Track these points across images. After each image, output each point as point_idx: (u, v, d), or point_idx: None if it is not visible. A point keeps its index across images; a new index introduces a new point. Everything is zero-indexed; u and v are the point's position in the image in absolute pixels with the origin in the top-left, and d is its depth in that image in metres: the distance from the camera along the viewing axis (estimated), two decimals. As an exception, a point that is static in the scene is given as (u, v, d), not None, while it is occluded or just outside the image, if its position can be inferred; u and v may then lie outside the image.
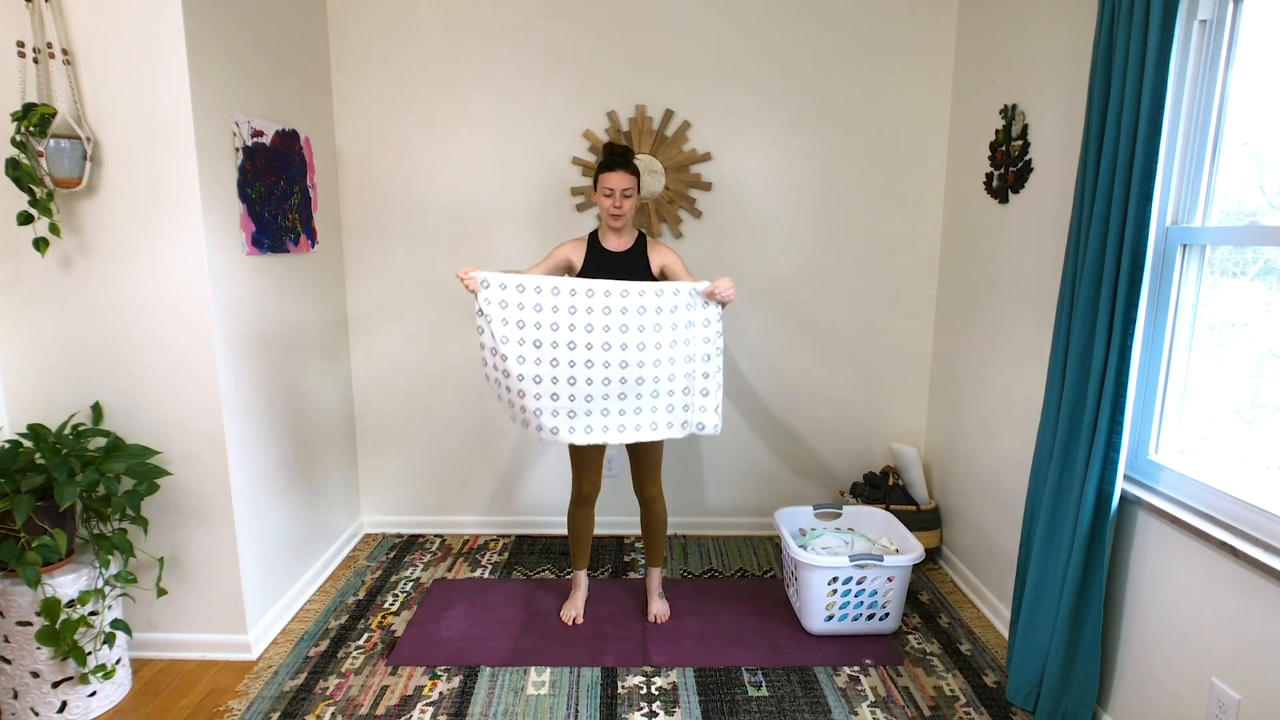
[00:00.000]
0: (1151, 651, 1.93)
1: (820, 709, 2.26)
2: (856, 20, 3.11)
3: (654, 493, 2.67)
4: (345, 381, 3.34)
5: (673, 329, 2.27)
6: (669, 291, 2.26)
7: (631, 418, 2.31)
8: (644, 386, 2.28)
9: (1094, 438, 1.96)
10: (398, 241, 3.28)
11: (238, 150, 2.44)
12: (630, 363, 2.25)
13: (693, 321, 2.28)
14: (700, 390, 2.32)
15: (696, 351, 2.30)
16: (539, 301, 2.23)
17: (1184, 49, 1.84)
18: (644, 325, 2.25)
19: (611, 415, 2.30)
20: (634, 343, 2.24)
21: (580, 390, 2.27)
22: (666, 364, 2.27)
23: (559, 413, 2.29)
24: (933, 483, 3.36)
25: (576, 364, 2.25)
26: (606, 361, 2.24)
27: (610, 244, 2.52)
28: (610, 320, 2.24)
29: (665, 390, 2.29)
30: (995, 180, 2.75)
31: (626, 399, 2.29)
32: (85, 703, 2.20)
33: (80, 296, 2.30)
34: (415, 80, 3.16)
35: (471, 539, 3.47)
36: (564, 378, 2.26)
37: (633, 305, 2.24)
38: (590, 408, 2.29)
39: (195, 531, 2.44)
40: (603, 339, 2.24)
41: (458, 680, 2.38)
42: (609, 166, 2.43)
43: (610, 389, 2.27)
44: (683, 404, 2.32)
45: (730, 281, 2.26)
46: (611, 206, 2.43)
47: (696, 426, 2.35)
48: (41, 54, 2.14)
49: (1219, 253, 1.89)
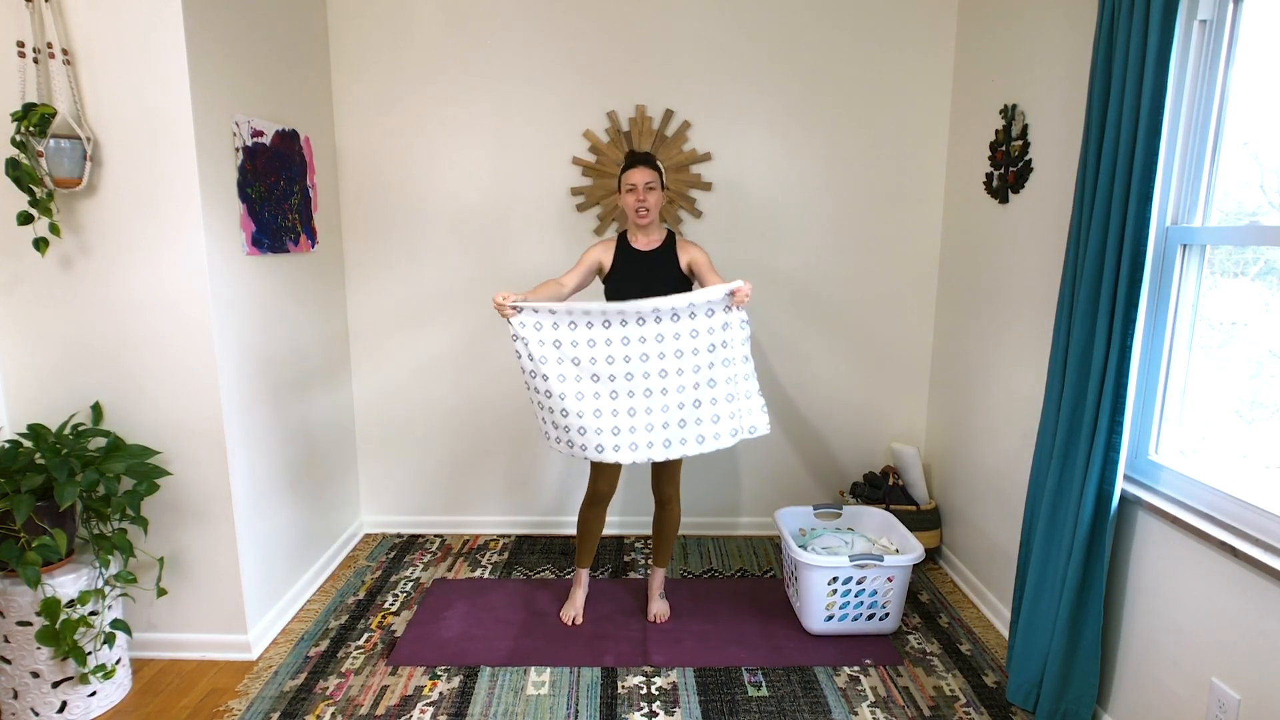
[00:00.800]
0: (1151, 651, 1.93)
1: (820, 709, 2.26)
2: (856, 20, 3.11)
3: (672, 493, 2.66)
4: (345, 381, 3.34)
5: (710, 333, 2.24)
6: (701, 300, 2.22)
7: (677, 431, 2.28)
8: (686, 395, 2.25)
9: (1094, 438, 1.96)
10: (398, 241, 3.28)
11: (238, 150, 2.44)
12: (670, 371, 2.23)
13: (729, 323, 2.26)
14: (744, 394, 2.30)
15: (735, 354, 2.27)
16: (573, 320, 2.22)
17: (1184, 49, 1.84)
18: (680, 333, 2.23)
19: (656, 430, 2.27)
20: (672, 351, 2.23)
21: (623, 404, 2.25)
22: (707, 369, 2.25)
23: (603, 430, 2.26)
24: (933, 483, 3.36)
25: (617, 378, 2.23)
26: (646, 372, 2.23)
27: (639, 243, 2.52)
28: (646, 331, 2.22)
29: (709, 399, 2.27)
30: (995, 180, 2.75)
31: (670, 410, 2.26)
32: (85, 703, 2.20)
33: (80, 296, 2.30)
34: (415, 80, 3.16)
35: (471, 539, 3.47)
36: (606, 393, 2.24)
37: (666, 315, 2.22)
38: (635, 424, 2.26)
39: (195, 531, 2.44)
40: (641, 351, 2.22)
41: (458, 680, 2.38)
42: (630, 164, 2.47)
43: (653, 401, 2.25)
44: (729, 411, 2.29)
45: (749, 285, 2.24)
46: (635, 201, 2.44)
47: (749, 430, 2.32)
48: (41, 54, 2.14)
49: (1219, 253, 1.89)
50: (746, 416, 2.31)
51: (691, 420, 2.28)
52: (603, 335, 2.22)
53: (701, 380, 2.26)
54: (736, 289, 2.22)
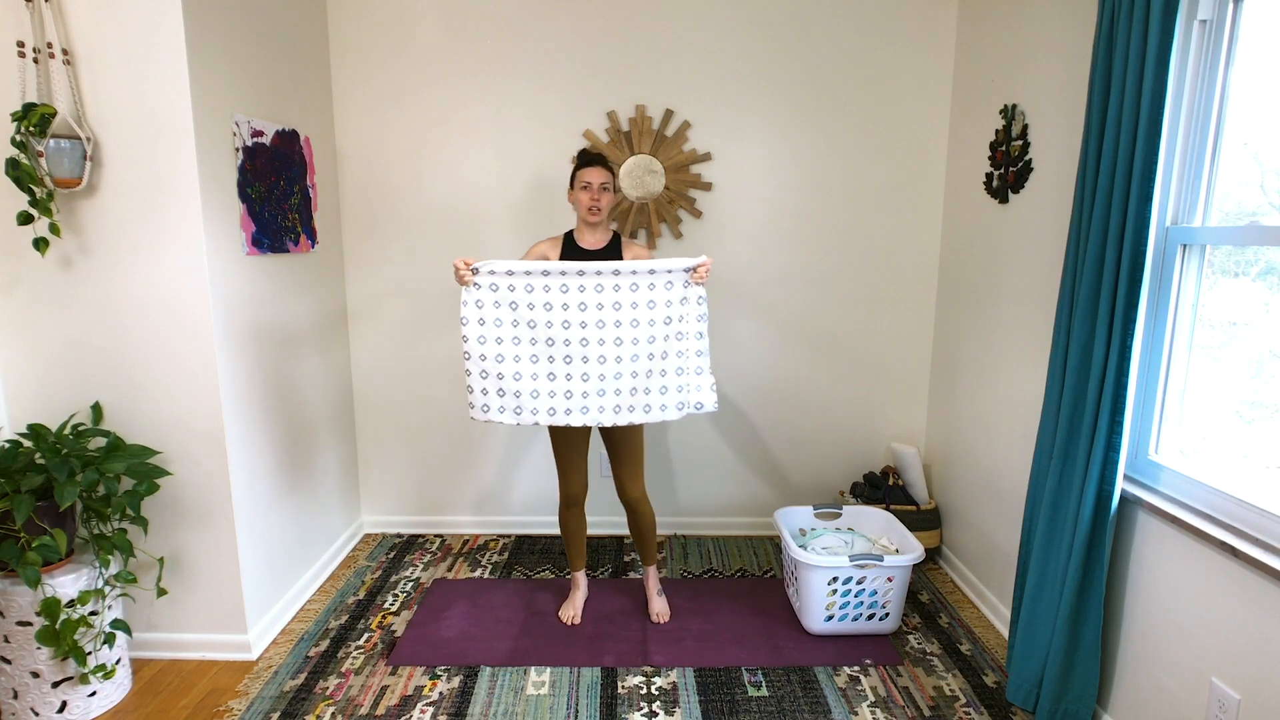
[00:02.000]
0: (1151, 651, 1.93)
1: (820, 709, 2.26)
2: (857, 20, 3.11)
3: (638, 493, 2.65)
4: (345, 381, 3.34)
5: (667, 305, 2.27)
6: (661, 269, 2.26)
7: (627, 398, 2.31)
8: (639, 365, 2.28)
9: (1094, 438, 1.96)
10: (398, 241, 3.28)
11: (238, 150, 2.44)
12: (625, 340, 2.26)
13: (687, 298, 2.29)
14: (694, 369, 2.32)
15: (689, 329, 2.30)
16: (530, 283, 2.25)
17: (1184, 49, 1.84)
18: (637, 302, 2.26)
19: (608, 396, 2.30)
20: (628, 320, 2.26)
21: (576, 369, 2.28)
22: (661, 340, 2.28)
23: (555, 394, 2.30)
24: (933, 483, 3.36)
25: (572, 343, 2.26)
26: (601, 339, 2.26)
27: (585, 242, 2.53)
28: (604, 298, 2.25)
29: (659, 370, 2.30)
30: (995, 180, 2.75)
31: (622, 378, 2.29)
32: (85, 703, 2.20)
33: (80, 296, 2.30)
34: (415, 80, 3.16)
35: (471, 539, 3.47)
36: (560, 356, 2.27)
37: (625, 283, 2.25)
38: (587, 388, 2.29)
39: (195, 531, 2.44)
40: (596, 317, 2.25)
41: (458, 680, 2.38)
42: (586, 163, 2.49)
43: (606, 368, 2.28)
44: (677, 384, 2.32)
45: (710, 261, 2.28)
46: (589, 200, 2.45)
47: (695, 406, 2.34)
48: (41, 54, 2.14)
49: (1219, 253, 1.89)
50: (694, 392, 2.34)
51: (641, 389, 2.31)
52: (559, 299, 2.25)
53: (656, 351, 2.29)
54: (699, 264, 2.26)
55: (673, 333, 2.29)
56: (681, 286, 2.28)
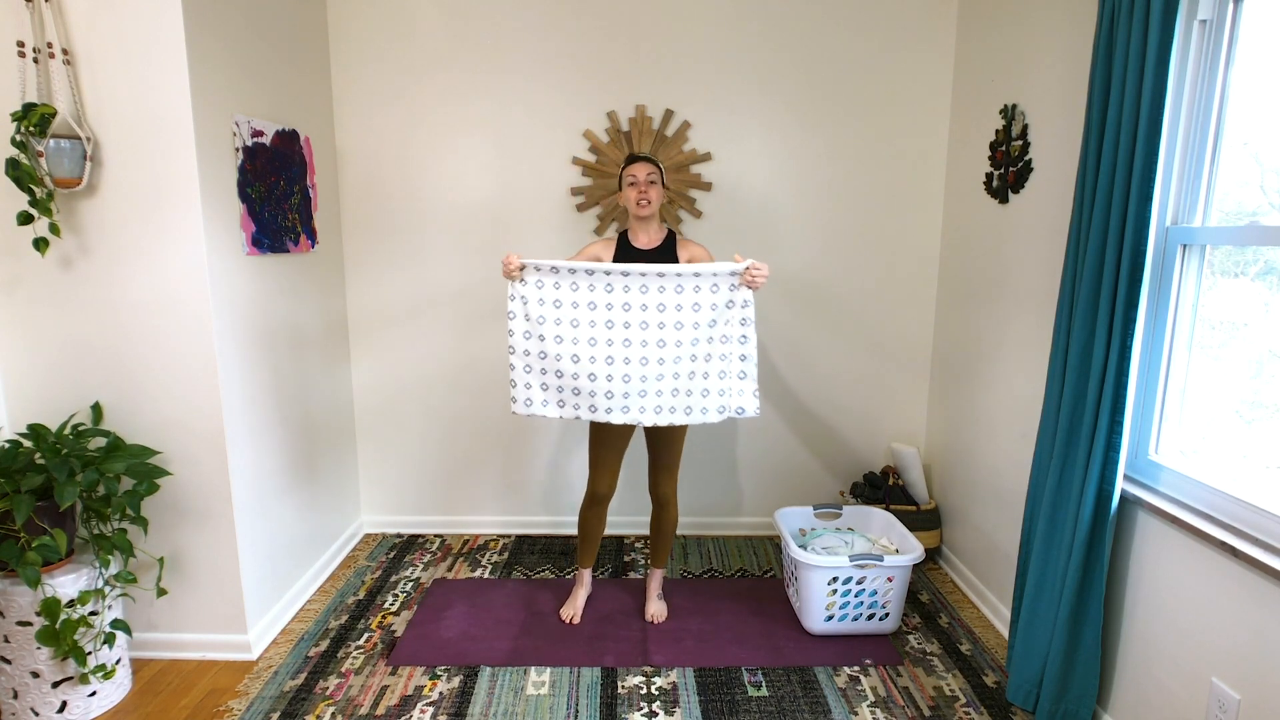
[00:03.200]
0: (1151, 651, 1.93)
1: (820, 709, 2.26)
2: (857, 20, 3.11)
3: (669, 492, 2.66)
4: (345, 381, 3.34)
5: (712, 309, 2.26)
6: (707, 273, 2.25)
7: (669, 399, 2.31)
8: (681, 366, 2.28)
9: (1094, 438, 1.96)
10: (398, 241, 3.29)
11: (238, 150, 2.44)
12: (668, 342, 2.26)
13: (733, 302, 2.27)
14: (738, 374, 2.31)
15: (733, 333, 2.29)
16: (575, 281, 2.25)
17: (1184, 49, 1.84)
18: (681, 304, 2.25)
19: (649, 396, 2.30)
20: (672, 322, 2.26)
21: (619, 369, 2.28)
22: (705, 343, 2.27)
23: (596, 393, 2.30)
24: (933, 483, 3.36)
25: (615, 343, 2.26)
26: (645, 340, 2.26)
27: (639, 241, 2.52)
28: (648, 299, 2.25)
29: (701, 372, 2.30)
30: (995, 180, 2.75)
31: (664, 379, 2.29)
32: (85, 703, 2.20)
33: (80, 296, 2.30)
34: (415, 80, 3.16)
35: (471, 539, 3.47)
36: (602, 356, 2.27)
37: (670, 285, 2.25)
38: (629, 389, 2.29)
39: (195, 531, 2.44)
40: (640, 318, 2.25)
41: (458, 680, 2.38)
42: (631, 161, 2.49)
43: (649, 369, 2.27)
44: (719, 388, 2.31)
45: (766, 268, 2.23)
46: (638, 195, 2.45)
47: (736, 410, 2.33)
48: (41, 54, 2.14)
49: (1219, 253, 1.89)
50: (736, 396, 2.33)
51: (684, 390, 2.31)
52: (604, 299, 2.25)
53: (699, 354, 2.28)
54: (747, 267, 2.23)
55: (717, 335, 2.28)
56: (727, 290, 2.26)
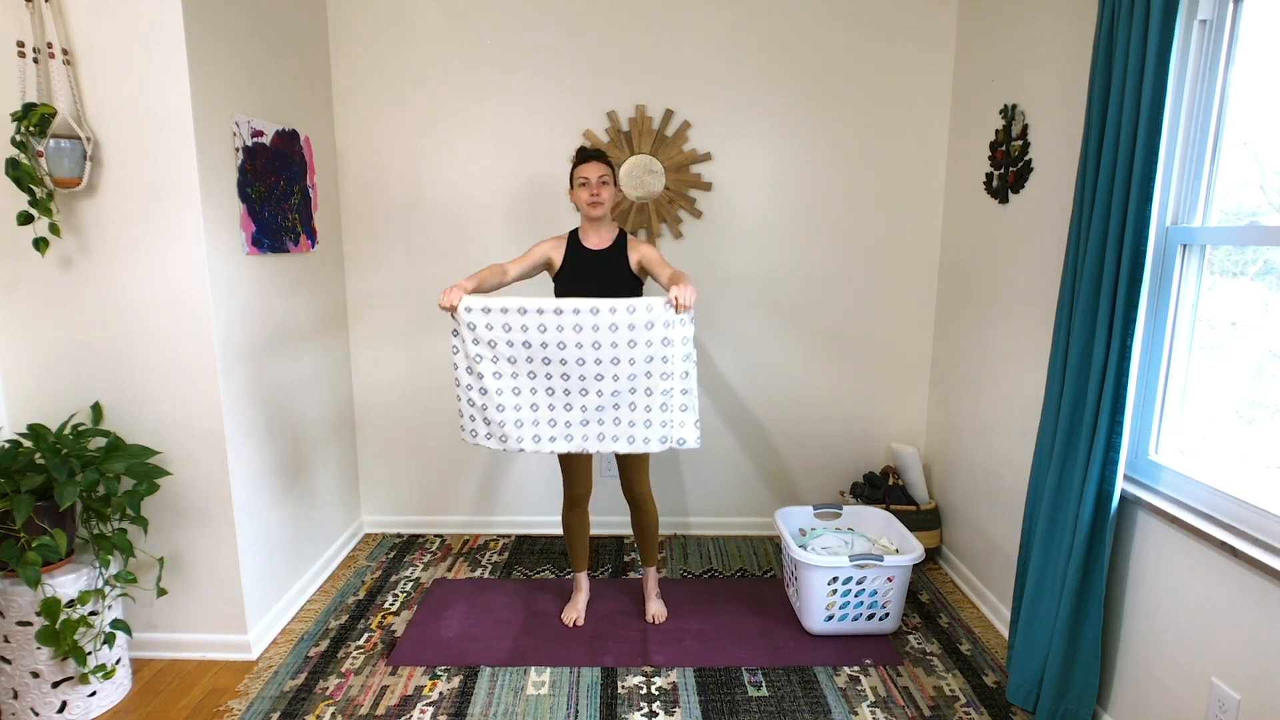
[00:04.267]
0: (1151, 651, 1.93)
1: (820, 709, 2.26)
2: (857, 20, 3.11)
3: (642, 492, 2.66)
4: (345, 381, 3.34)
5: (648, 345, 2.22)
6: (641, 308, 2.19)
7: (610, 428, 2.30)
8: (621, 399, 2.27)
9: (1094, 438, 1.96)
10: (397, 241, 3.28)
11: (238, 150, 2.44)
12: (605, 375, 2.24)
13: (670, 339, 2.22)
14: (679, 406, 2.29)
15: (674, 369, 2.25)
16: (508, 321, 2.21)
17: (1184, 49, 1.84)
18: (617, 341, 2.21)
19: (591, 425, 2.30)
20: (609, 357, 2.23)
21: (559, 400, 2.28)
22: (643, 378, 2.25)
23: (539, 422, 2.30)
24: (933, 483, 3.36)
25: (554, 376, 2.25)
26: (583, 374, 2.24)
27: (590, 242, 2.51)
28: (583, 338, 2.21)
29: (643, 405, 2.28)
30: (995, 180, 2.75)
31: (605, 410, 2.28)
32: (85, 703, 2.20)
33: (80, 296, 2.30)
34: (415, 80, 3.16)
35: (471, 539, 3.47)
36: (543, 389, 2.27)
37: (604, 323, 2.19)
38: (570, 418, 2.30)
39: (195, 531, 2.44)
40: (577, 355, 2.22)
41: (458, 680, 2.38)
42: (582, 160, 2.46)
43: (588, 400, 2.27)
44: (661, 420, 2.29)
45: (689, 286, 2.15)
46: (589, 196, 2.43)
47: (677, 441, 2.31)
48: (41, 54, 2.14)
49: (1219, 253, 1.89)
50: (678, 428, 2.31)
51: (625, 420, 2.30)
52: (538, 338, 2.22)
53: (638, 386, 2.26)
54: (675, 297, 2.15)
55: (655, 370, 2.25)
56: (663, 326, 2.20)
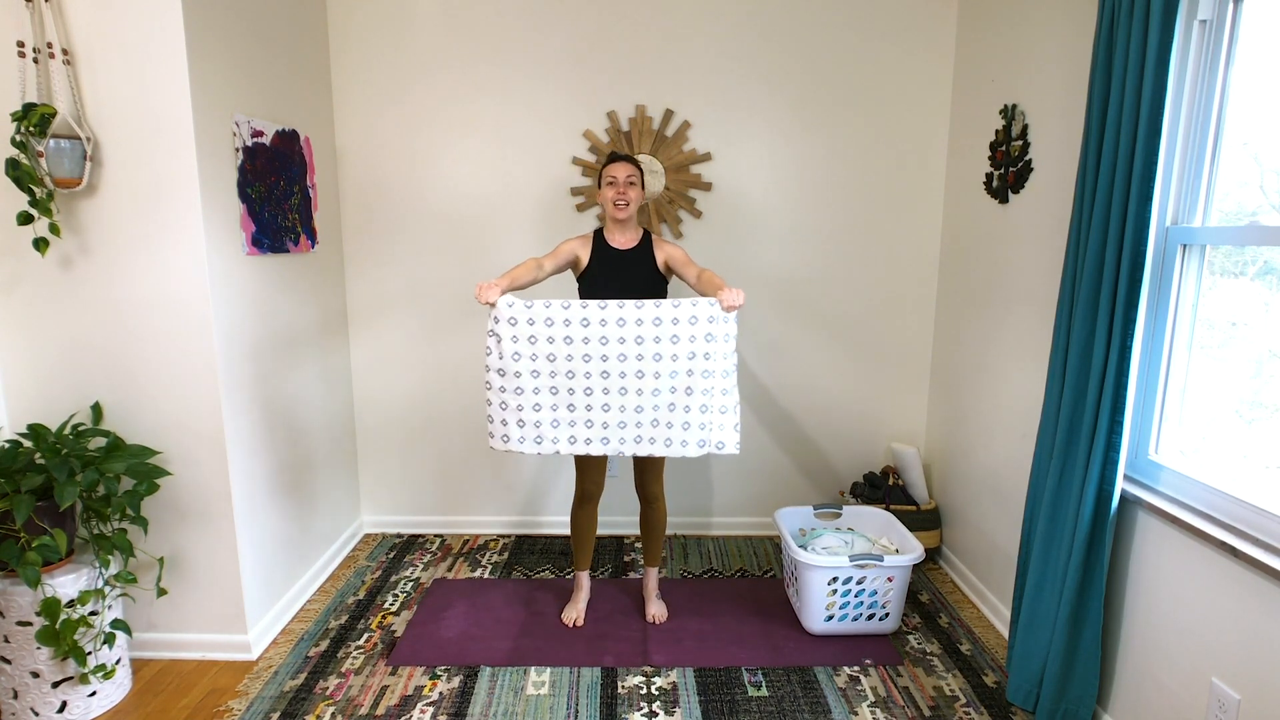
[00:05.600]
0: (1151, 651, 1.93)
1: (820, 709, 2.26)
2: (857, 20, 3.11)
3: (656, 491, 2.67)
4: (345, 381, 3.34)
5: (691, 341, 2.20)
6: (687, 304, 2.19)
7: (649, 430, 2.26)
8: (661, 399, 2.23)
9: (1094, 438, 1.96)
10: (398, 241, 3.29)
11: (238, 150, 2.44)
12: (646, 374, 2.21)
13: (714, 335, 2.21)
14: (719, 408, 2.25)
15: (715, 367, 2.23)
16: (550, 316, 2.21)
17: (1184, 49, 1.84)
18: (660, 336, 2.19)
19: (629, 428, 2.26)
20: (651, 354, 2.20)
21: (597, 400, 2.24)
22: (684, 376, 2.22)
23: (576, 423, 2.26)
24: (933, 483, 3.36)
25: (593, 375, 2.22)
26: (623, 372, 2.22)
27: (616, 242, 2.51)
28: (626, 333, 2.19)
29: (683, 405, 2.24)
30: (995, 180, 2.75)
31: (644, 411, 2.24)
32: (85, 703, 2.20)
33: (80, 296, 2.30)
34: (415, 80, 3.16)
35: (471, 539, 3.47)
36: (580, 388, 2.24)
37: (649, 318, 2.19)
38: (607, 419, 2.25)
39: (195, 531, 2.44)
40: (619, 351, 2.20)
41: (458, 680, 2.38)
42: (611, 160, 2.48)
43: (627, 400, 2.23)
44: (700, 422, 2.25)
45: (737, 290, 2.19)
46: (615, 195, 2.43)
47: (716, 446, 2.27)
48: (41, 54, 2.14)
49: (1219, 253, 1.89)
50: (717, 431, 2.27)
51: (664, 422, 2.25)
52: (580, 334, 2.20)
53: (679, 385, 2.22)
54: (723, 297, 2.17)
55: (698, 369, 2.22)
56: (707, 323, 2.19)
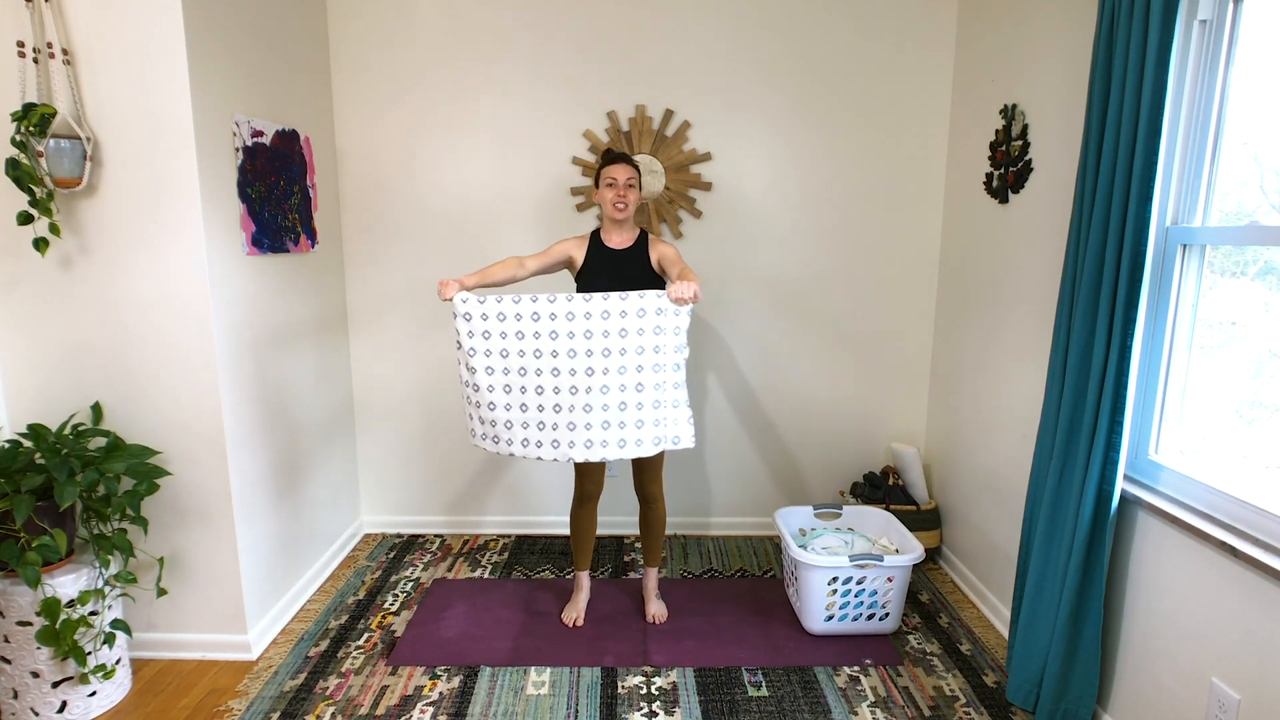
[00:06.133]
0: (1151, 651, 1.93)
1: (820, 709, 2.26)
2: (856, 20, 3.11)
3: (655, 491, 2.67)
4: (345, 381, 3.34)
5: (639, 334, 2.19)
6: (634, 297, 2.18)
7: (599, 433, 2.23)
8: (611, 397, 2.21)
9: (1094, 438, 1.96)
10: (398, 241, 3.28)
11: (238, 150, 2.44)
12: (596, 370, 2.19)
13: (661, 328, 2.19)
14: (671, 403, 2.24)
15: (666, 361, 2.21)
16: (502, 311, 2.21)
17: (1184, 49, 1.84)
18: (609, 330, 2.18)
19: (578, 430, 2.23)
20: (599, 349, 2.19)
21: (549, 400, 2.22)
22: (634, 372, 2.20)
23: (529, 425, 2.25)
24: (933, 483, 3.36)
25: (544, 373, 2.21)
26: (573, 369, 2.20)
27: (612, 241, 2.52)
28: (575, 326, 2.19)
29: (634, 403, 2.22)
30: (995, 180, 2.75)
31: (593, 411, 2.21)
32: (85, 703, 2.20)
33: (80, 296, 2.30)
34: (415, 80, 3.16)
35: (471, 539, 3.47)
36: (533, 387, 2.23)
37: (596, 310, 2.18)
38: (558, 420, 2.23)
39: (195, 531, 2.44)
40: (569, 346, 2.20)
41: (458, 680, 2.38)
42: (610, 161, 2.47)
43: (577, 400, 2.21)
44: (654, 419, 2.24)
45: (691, 283, 2.16)
46: (615, 197, 2.44)
47: (671, 440, 2.26)
48: (41, 54, 2.14)
49: (1219, 253, 1.89)
50: (671, 426, 2.26)
51: (615, 423, 2.23)
52: (531, 328, 2.20)
53: (629, 383, 2.21)
54: (671, 289, 2.17)
55: (648, 364, 2.20)
56: (655, 314, 2.18)
